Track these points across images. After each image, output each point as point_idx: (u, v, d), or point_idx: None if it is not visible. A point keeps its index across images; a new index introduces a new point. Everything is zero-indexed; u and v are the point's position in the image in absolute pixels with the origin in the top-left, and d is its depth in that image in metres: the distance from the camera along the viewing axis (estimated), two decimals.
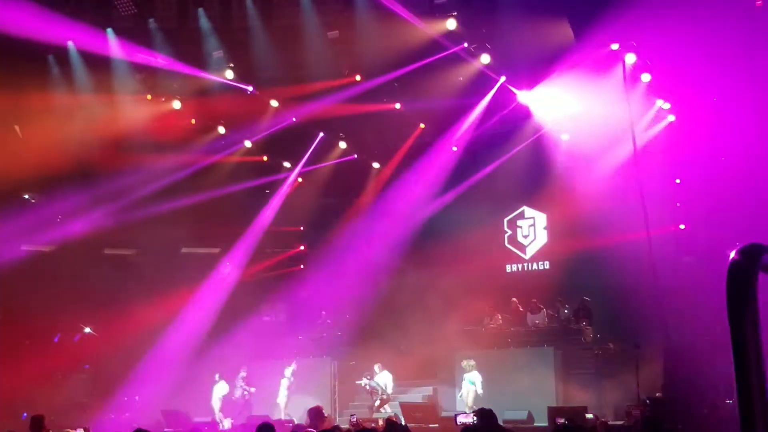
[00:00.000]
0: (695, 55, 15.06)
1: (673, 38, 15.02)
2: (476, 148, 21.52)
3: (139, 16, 17.03)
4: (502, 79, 17.94)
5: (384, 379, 18.96)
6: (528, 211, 22.33)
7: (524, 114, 20.14)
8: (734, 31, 14.66)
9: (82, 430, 14.69)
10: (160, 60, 17.57)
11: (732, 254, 1.72)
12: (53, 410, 15.78)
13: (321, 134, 21.72)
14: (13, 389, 17.88)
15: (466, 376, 18.08)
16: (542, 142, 20.83)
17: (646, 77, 17.27)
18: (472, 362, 18.09)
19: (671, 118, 18.87)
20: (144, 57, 17.50)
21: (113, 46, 17.23)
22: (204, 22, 17.29)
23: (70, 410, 18.08)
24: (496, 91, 18.65)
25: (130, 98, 18.49)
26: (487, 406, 9.71)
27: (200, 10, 17.18)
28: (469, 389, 17.87)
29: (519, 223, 22.42)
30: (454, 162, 21.86)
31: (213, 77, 18.25)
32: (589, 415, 14.87)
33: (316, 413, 9.33)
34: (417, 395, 19.65)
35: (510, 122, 20.70)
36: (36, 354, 19.77)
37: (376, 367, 19.01)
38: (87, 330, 20.77)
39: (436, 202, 22.08)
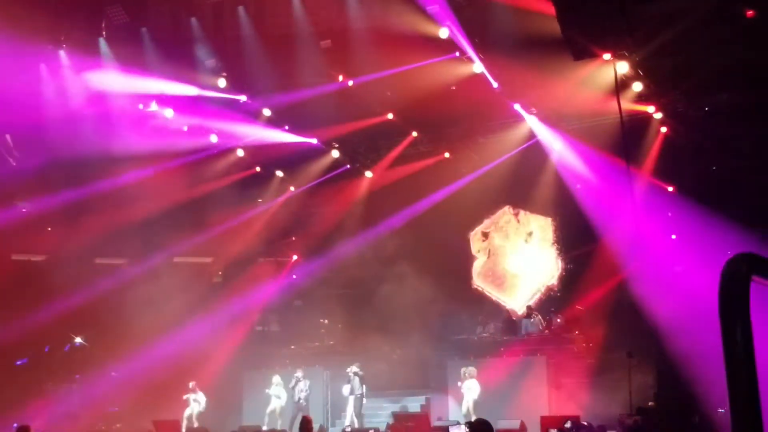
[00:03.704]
0: (685, 66, 15.12)
1: (663, 49, 15.06)
2: (468, 155, 21.52)
3: (131, 25, 17.01)
4: (495, 85, 17.96)
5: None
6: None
7: (516, 123, 20.19)
8: (725, 43, 14.70)
9: None
10: (152, 69, 17.54)
11: (725, 263, 1.72)
12: (43, 421, 15.67)
13: (315, 141, 21.67)
14: (4, 400, 17.74)
15: (467, 383, 18.10)
16: (533, 151, 20.84)
17: (637, 86, 17.29)
18: (473, 370, 18.14)
19: (663, 129, 18.91)
20: (136, 66, 17.47)
21: (105, 55, 17.22)
22: (197, 31, 17.28)
23: (60, 421, 17.93)
24: (489, 100, 18.64)
25: (123, 107, 18.47)
26: (480, 415, 9.64)
27: (193, 19, 17.17)
28: (469, 397, 17.91)
29: None
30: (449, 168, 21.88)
31: (206, 86, 18.24)
32: (583, 424, 14.84)
33: (303, 424, 9.33)
34: (409, 404, 19.59)
35: (502, 130, 20.73)
36: (26, 364, 19.65)
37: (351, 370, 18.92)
38: (78, 340, 20.65)
39: (428, 209, 22.01)
